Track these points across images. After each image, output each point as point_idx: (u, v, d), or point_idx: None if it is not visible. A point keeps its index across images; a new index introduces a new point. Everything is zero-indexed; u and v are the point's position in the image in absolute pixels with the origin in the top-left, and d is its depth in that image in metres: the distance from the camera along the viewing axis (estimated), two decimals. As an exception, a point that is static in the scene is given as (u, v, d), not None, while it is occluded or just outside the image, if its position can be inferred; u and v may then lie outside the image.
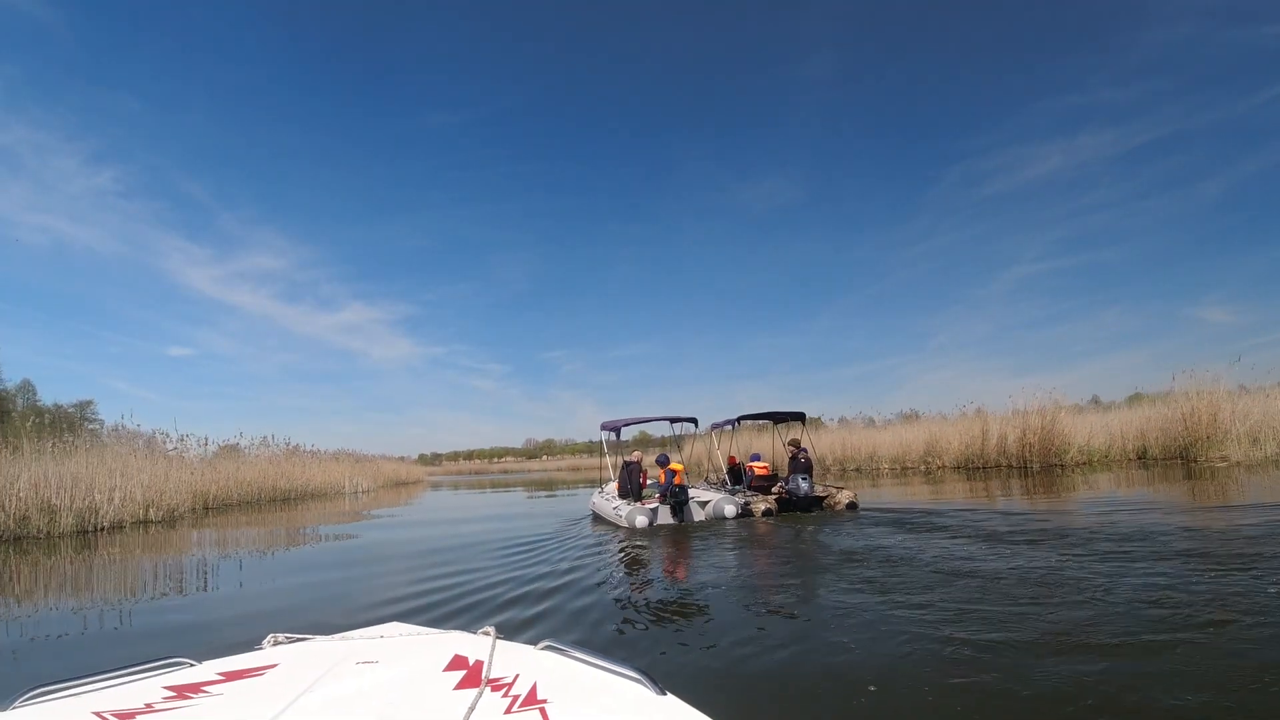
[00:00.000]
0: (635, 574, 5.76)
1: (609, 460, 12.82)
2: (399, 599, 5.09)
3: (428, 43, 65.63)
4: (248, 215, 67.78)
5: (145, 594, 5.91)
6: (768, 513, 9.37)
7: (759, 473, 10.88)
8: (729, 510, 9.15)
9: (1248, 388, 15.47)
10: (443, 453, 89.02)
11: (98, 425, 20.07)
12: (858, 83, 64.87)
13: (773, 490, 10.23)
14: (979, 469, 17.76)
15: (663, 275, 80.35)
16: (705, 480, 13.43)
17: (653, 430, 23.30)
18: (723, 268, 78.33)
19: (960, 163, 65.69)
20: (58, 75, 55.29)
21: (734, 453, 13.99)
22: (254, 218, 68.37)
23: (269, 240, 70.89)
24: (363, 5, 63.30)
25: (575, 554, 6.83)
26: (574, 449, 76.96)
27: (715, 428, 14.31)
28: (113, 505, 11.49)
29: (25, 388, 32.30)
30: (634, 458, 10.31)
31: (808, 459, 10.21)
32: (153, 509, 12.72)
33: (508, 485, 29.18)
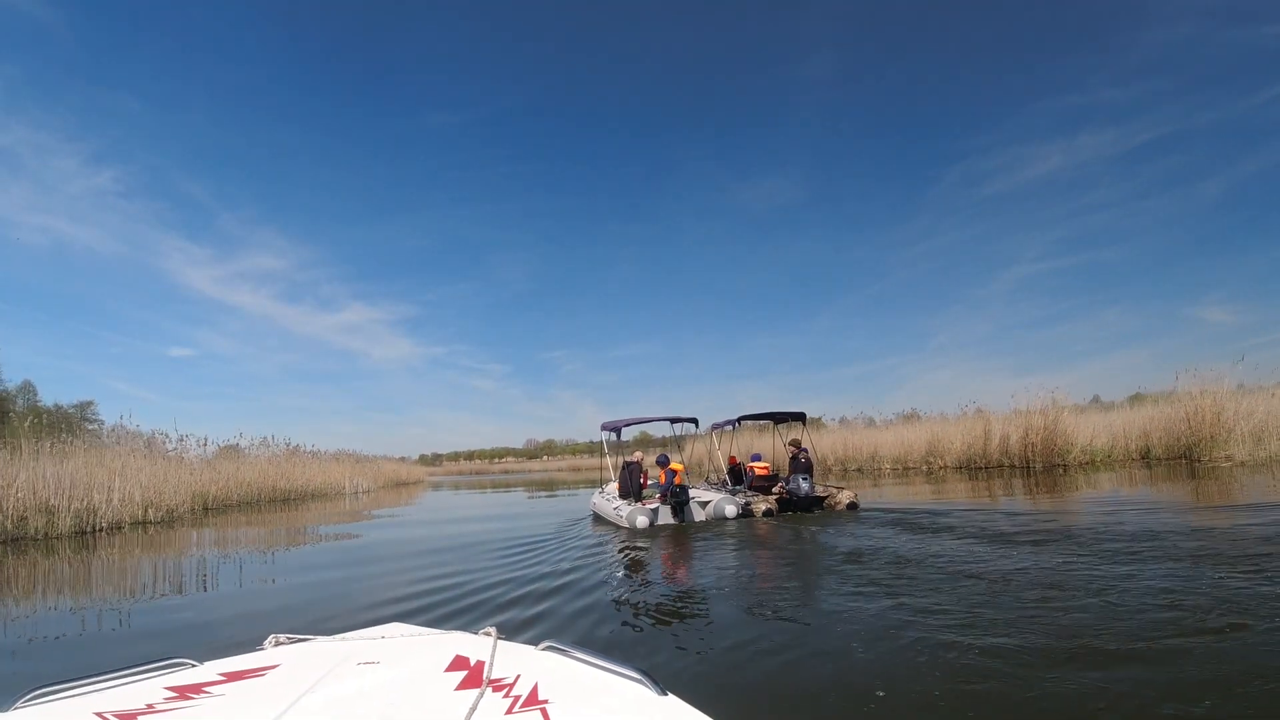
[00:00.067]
0: (636, 574, 5.73)
1: (609, 460, 12.83)
2: (400, 599, 5.07)
3: (428, 43, 65.62)
4: (248, 215, 67.77)
5: (145, 594, 5.88)
6: (768, 513, 9.36)
7: (759, 473, 10.85)
8: (730, 510, 9.13)
9: (1247, 387, 15.37)
10: (443, 453, 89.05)
11: (98, 426, 20.05)
12: (858, 83, 64.80)
13: (773, 490, 10.21)
14: (981, 469, 17.71)
15: (663, 275, 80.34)
16: (706, 480, 13.41)
17: (653, 430, 23.29)
18: (723, 267, 78.25)
19: (960, 162, 65.59)
20: (58, 75, 55.30)
21: (734, 453, 13.96)
22: (254, 218, 68.38)
23: (269, 240, 70.86)
24: (363, 5, 63.36)
25: (576, 554, 6.81)
26: (574, 449, 76.88)
27: (716, 428, 14.29)
28: (111, 506, 11.46)
29: (26, 388, 32.30)
30: (634, 458, 10.30)
31: (808, 459, 10.21)
32: (151, 509, 12.68)
33: (508, 485, 29.15)
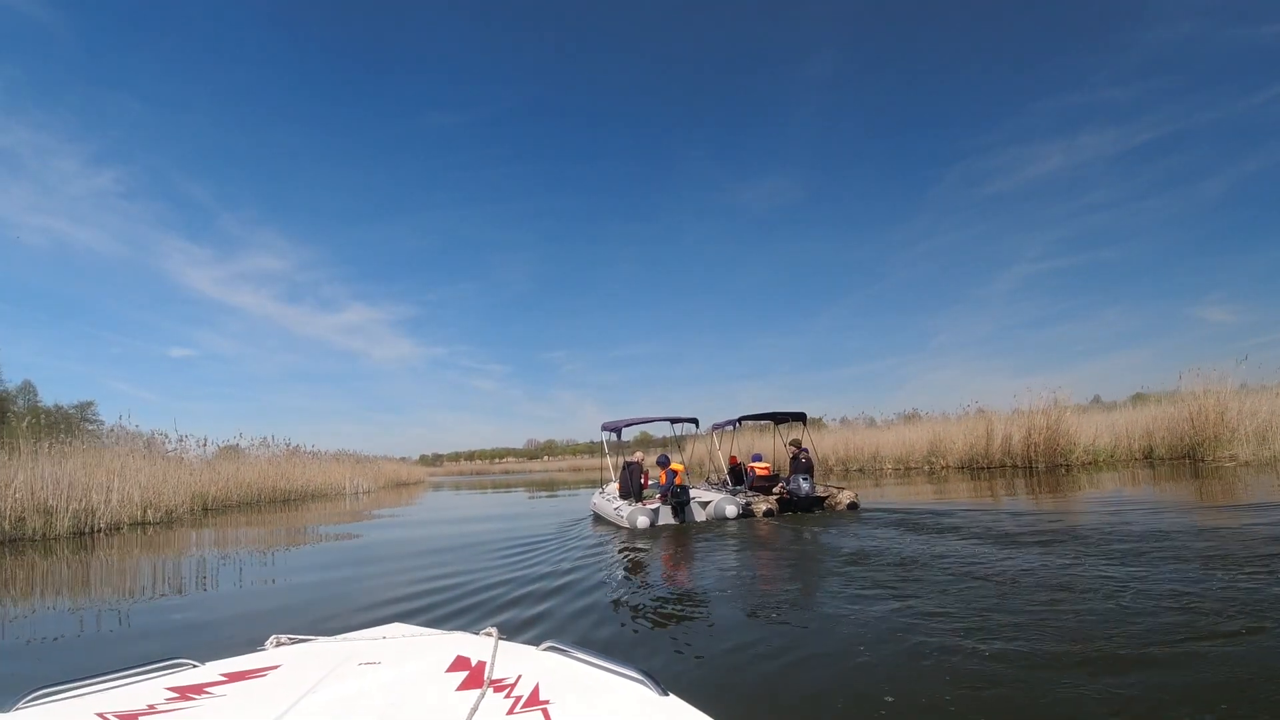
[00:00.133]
0: (637, 574, 5.69)
1: (610, 461, 12.80)
2: (400, 599, 5.06)
3: (428, 43, 65.68)
4: (248, 216, 67.90)
5: (145, 595, 5.86)
6: (769, 513, 9.34)
7: (760, 473, 10.82)
8: (730, 511, 9.11)
9: (1249, 386, 15.27)
10: (444, 453, 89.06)
11: (98, 426, 20.03)
12: (858, 83, 64.81)
13: (774, 490, 10.19)
14: (983, 469, 17.65)
15: (663, 275, 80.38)
16: (706, 481, 13.37)
17: (654, 431, 23.27)
18: (723, 267, 78.31)
19: (961, 162, 65.65)
20: (58, 76, 55.47)
21: (735, 453, 13.91)
22: (255, 218, 68.51)
23: (270, 241, 71.00)
24: (363, 5, 63.45)
25: (576, 554, 6.79)
26: (575, 449, 76.85)
27: (716, 428, 14.25)
28: (110, 507, 11.42)
29: (26, 389, 32.30)
30: (635, 458, 10.32)
31: (809, 459, 10.20)
32: (151, 510, 12.65)
33: (509, 486, 29.13)
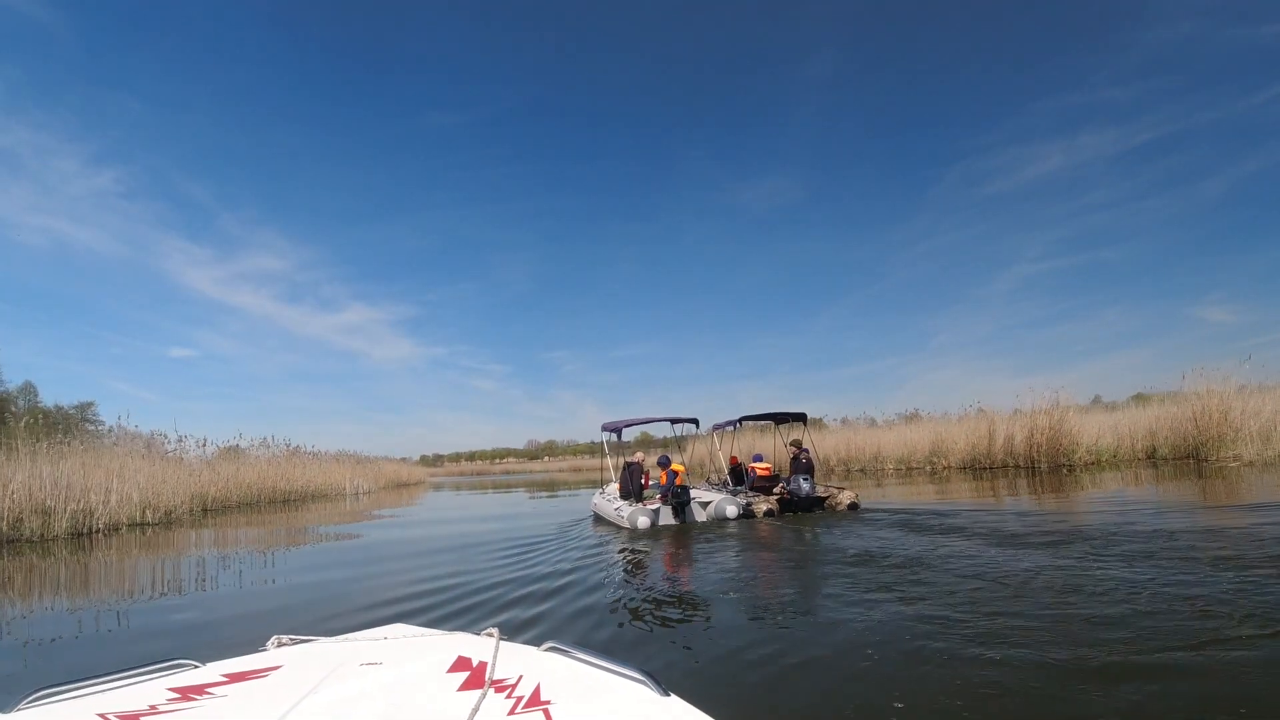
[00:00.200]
0: (638, 575, 5.67)
1: (610, 461, 12.78)
2: (401, 599, 5.04)
3: (428, 43, 65.92)
4: (248, 216, 68.14)
5: (144, 595, 5.84)
6: (769, 513, 9.32)
7: (760, 473, 10.79)
8: (731, 511, 9.09)
9: (1249, 386, 15.18)
10: (444, 454, 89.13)
11: (99, 426, 20.00)
12: (858, 83, 64.93)
13: (774, 491, 10.14)
14: (986, 469, 17.59)
15: (664, 275, 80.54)
16: (707, 481, 13.33)
17: (654, 431, 23.24)
18: (723, 267, 78.45)
19: (961, 162, 65.81)
20: (58, 77, 55.75)
21: (735, 453, 13.86)
22: (255, 219, 68.73)
23: (270, 241, 71.18)
24: (363, 5, 63.47)
25: (577, 554, 6.77)
26: (575, 450, 76.83)
27: (717, 428, 14.23)
28: (108, 507, 11.38)
29: (26, 389, 32.31)
30: (635, 459, 10.32)
31: (809, 459, 10.19)
32: (149, 511, 12.61)
33: (509, 486, 29.09)
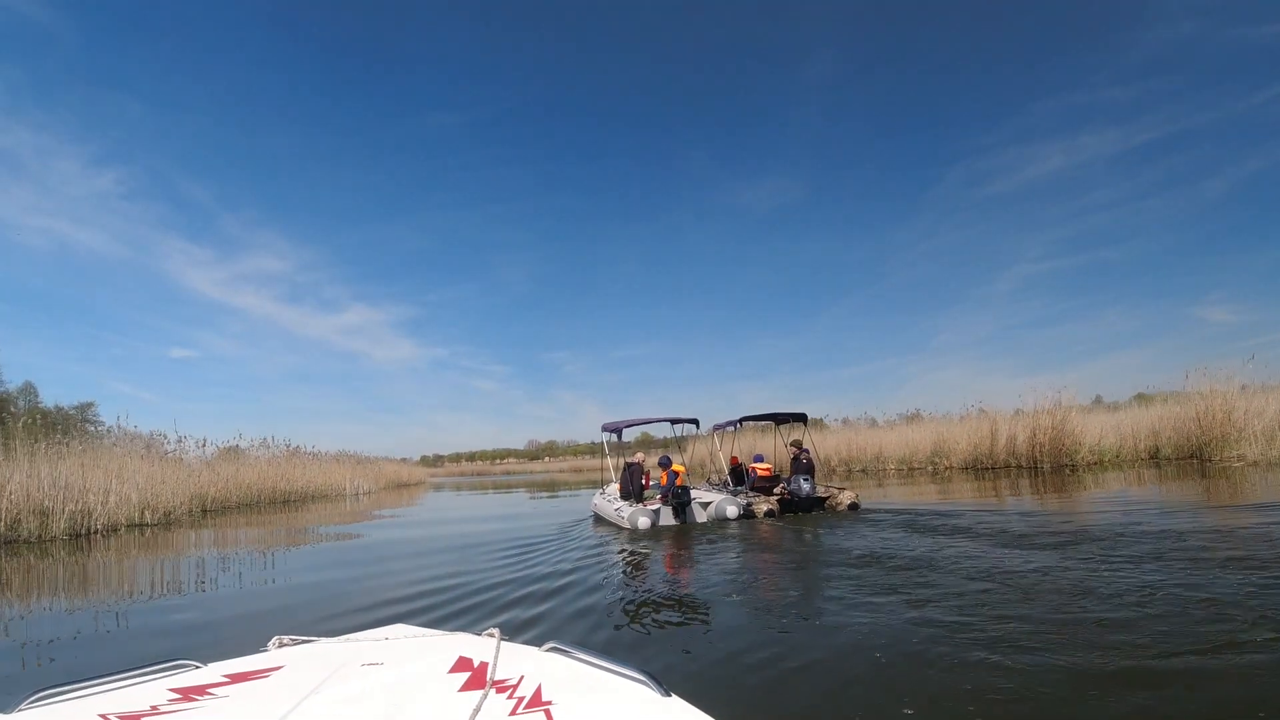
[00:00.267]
0: (638, 575, 5.65)
1: (610, 462, 12.75)
2: (402, 599, 5.03)
3: (429, 43, 65.92)
4: (249, 217, 68.09)
5: (145, 596, 5.82)
6: (770, 514, 9.29)
7: (761, 473, 10.75)
8: (731, 511, 9.07)
9: (1251, 387, 15.09)
10: (445, 454, 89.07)
11: (99, 427, 19.98)
12: (858, 82, 64.88)
13: (775, 491, 10.11)
14: (988, 469, 17.54)
15: (664, 275, 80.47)
16: (707, 481, 13.29)
17: (655, 431, 23.18)
18: (724, 268, 78.45)
19: (961, 162, 65.71)
20: (59, 78, 55.68)
21: (736, 453, 13.82)
22: (255, 219, 68.73)
23: (270, 242, 71.17)
24: (364, 6, 63.51)
25: (577, 555, 6.75)
26: (576, 450, 76.75)
27: (717, 429, 14.20)
28: (106, 508, 11.34)
29: (27, 390, 32.35)
30: (636, 459, 10.30)
31: (809, 460, 10.17)
32: (148, 511, 12.57)
33: (510, 487, 29.06)
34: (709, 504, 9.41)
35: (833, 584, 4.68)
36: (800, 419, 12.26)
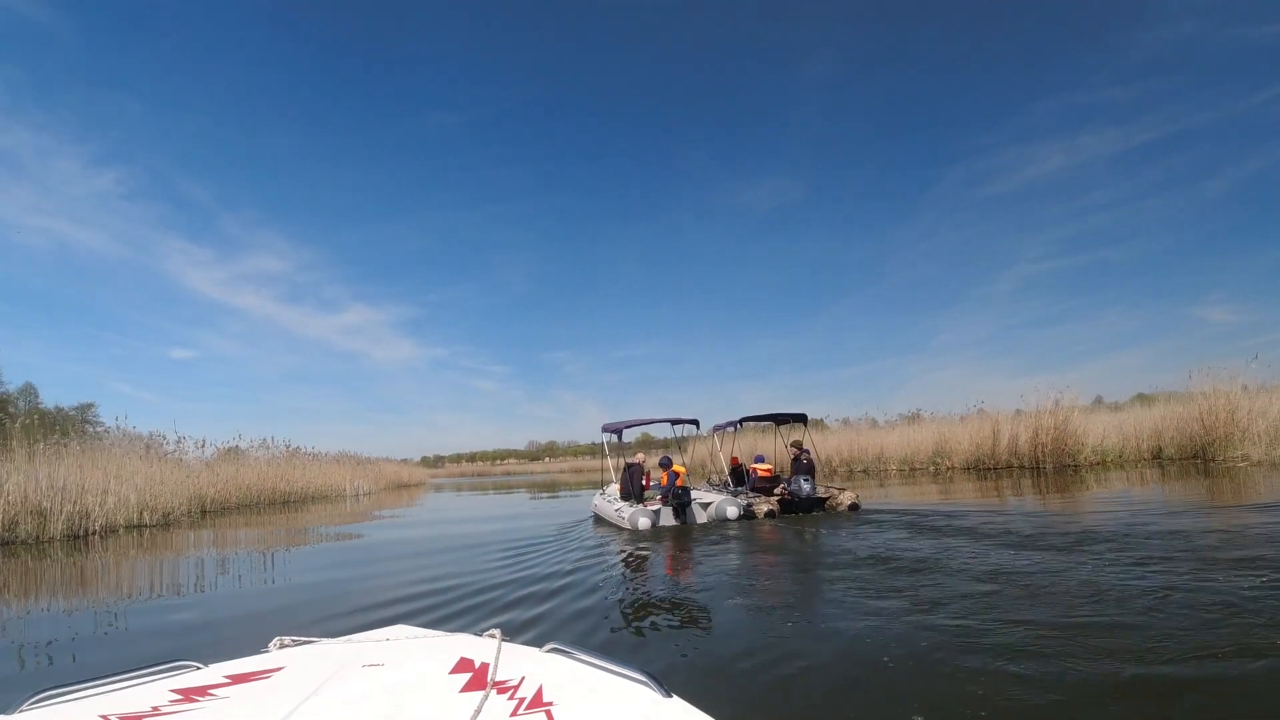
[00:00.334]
0: (639, 575, 5.61)
1: (610, 462, 12.71)
2: (402, 600, 5.01)
3: (429, 43, 65.91)
4: (249, 217, 68.06)
5: (144, 597, 5.79)
6: (770, 514, 9.26)
7: (761, 474, 10.72)
8: (731, 512, 9.06)
9: (1251, 388, 15.01)
10: (445, 455, 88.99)
11: (99, 428, 19.93)
12: (858, 82, 64.84)
13: (775, 491, 10.07)
14: (990, 469, 17.48)
15: (665, 275, 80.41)
16: (707, 482, 13.26)
17: (655, 432, 23.16)
18: (724, 268, 78.41)
19: (961, 162, 65.64)
20: (59, 78, 55.65)
21: (736, 454, 13.78)
22: (256, 220, 68.71)
23: (271, 242, 71.13)
24: (364, 6, 63.55)
25: (578, 555, 6.73)
26: (576, 451, 76.64)
27: (717, 429, 14.17)
28: (104, 509, 11.30)
29: (27, 390, 32.31)
30: (636, 459, 10.30)
31: (810, 460, 10.15)
32: (147, 512, 12.52)
33: (510, 487, 29.03)
34: (709, 504, 9.39)
35: (835, 585, 4.63)
36: (800, 419, 12.23)
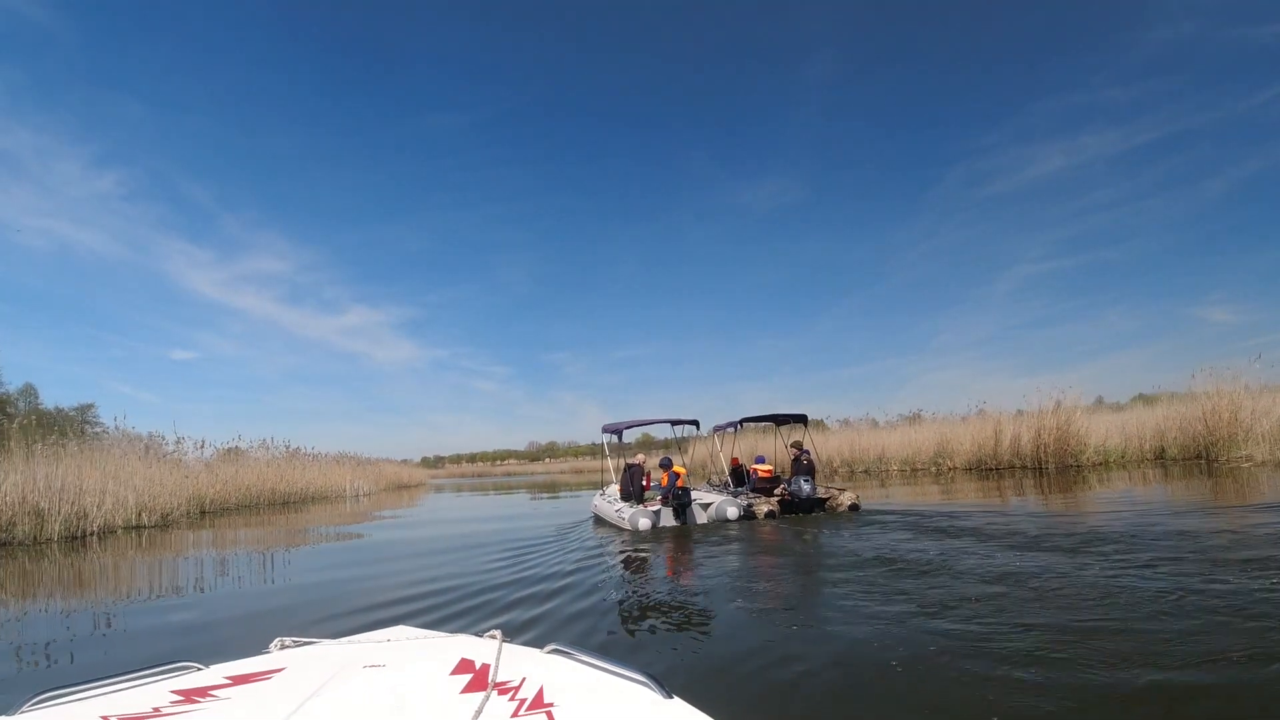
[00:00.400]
0: (639, 576, 5.58)
1: (610, 463, 12.69)
2: (403, 600, 5.00)
3: (430, 44, 65.72)
4: (250, 218, 67.90)
5: (143, 597, 5.77)
6: (770, 515, 9.23)
7: (762, 475, 10.68)
8: (732, 512, 9.04)
9: (1250, 388, 14.91)
10: (445, 455, 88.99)
11: (99, 428, 19.90)
12: (859, 82, 64.62)
13: (775, 492, 10.04)
14: (992, 470, 17.41)
15: (665, 276, 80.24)
16: (708, 482, 13.22)
17: (655, 432, 23.12)
18: (725, 268, 78.23)
19: (962, 162, 65.35)
20: (60, 78, 55.53)
21: (737, 454, 13.73)
22: (256, 220, 68.58)
23: (271, 243, 71.01)
24: (364, 6, 63.52)
25: (578, 556, 6.70)
26: (576, 451, 76.59)
27: (717, 430, 14.14)
28: (102, 510, 11.26)
29: (27, 391, 32.27)
30: (636, 460, 10.28)
31: (810, 461, 10.13)
32: (145, 513, 12.49)
33: (510, 488, 29.00)
34: (709, 505, 9.36)
35: (837, 587, 4.58)
36: (800, 420, 12.20)
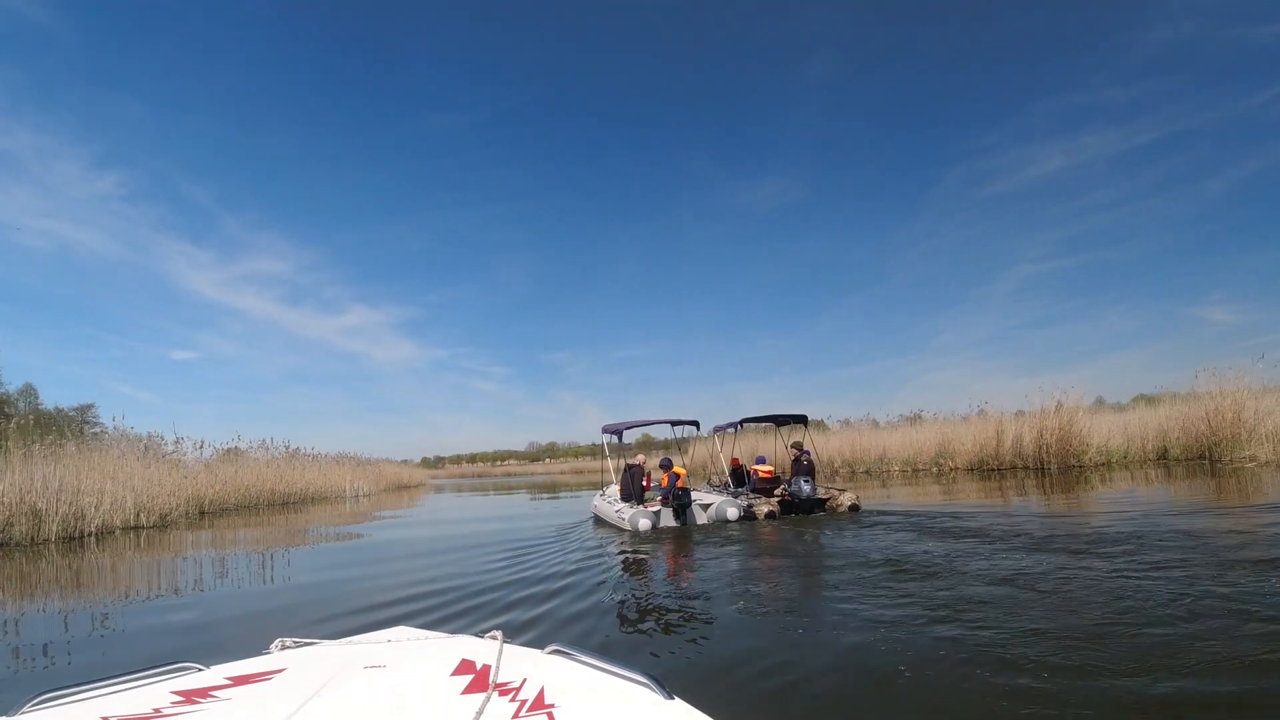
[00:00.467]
0: (640, 577, 5.56)
1: (611, 463, 12.66)
2: (403, 600, 4.98)
3: (430, 44, 65.78)
4: (250, 218, 67.93)
5: (142, 598, 5.76)
6: (770, 515, 9.20)
7: (762, 475, 10.63)
8: (732, 513, 9.01)
9: (1253, 387, 14.85)
10: (445, 456, 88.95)
11: (99, 429, 19.85)
12: (859, 82, 64.63)
13: (775, 493, 10.00)
14: (993, 470, 17.36)
15: (665, 276, 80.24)
16: (708, 483, 13.19)
17: (655, 433, 23.08)
18: (725, 268, 78.28)
19: (962, 162, 65.38)
20: (60, 79, 55.57)
21: (737, 455, 13.69)
22: (256, 221, 68.62)
23: (271, 243, 71.03)
24: (364, 6, 63.52)
25: (578, 556, 6.68)
26: (576, 451, 76.56)
27: (718, 430, 14.10)
28: (100, 510, 11.22)
29: (27, 391, 32.32)
30: (636, 461, 10.25)
31: (810, 461, 10.12)
32: (144, 514, 12.44)
33: (510, 488, 28.99)
34: (709, 506, 9.33)
35: (838, 588, 4.54)
36: (801, 420, 12.16)
